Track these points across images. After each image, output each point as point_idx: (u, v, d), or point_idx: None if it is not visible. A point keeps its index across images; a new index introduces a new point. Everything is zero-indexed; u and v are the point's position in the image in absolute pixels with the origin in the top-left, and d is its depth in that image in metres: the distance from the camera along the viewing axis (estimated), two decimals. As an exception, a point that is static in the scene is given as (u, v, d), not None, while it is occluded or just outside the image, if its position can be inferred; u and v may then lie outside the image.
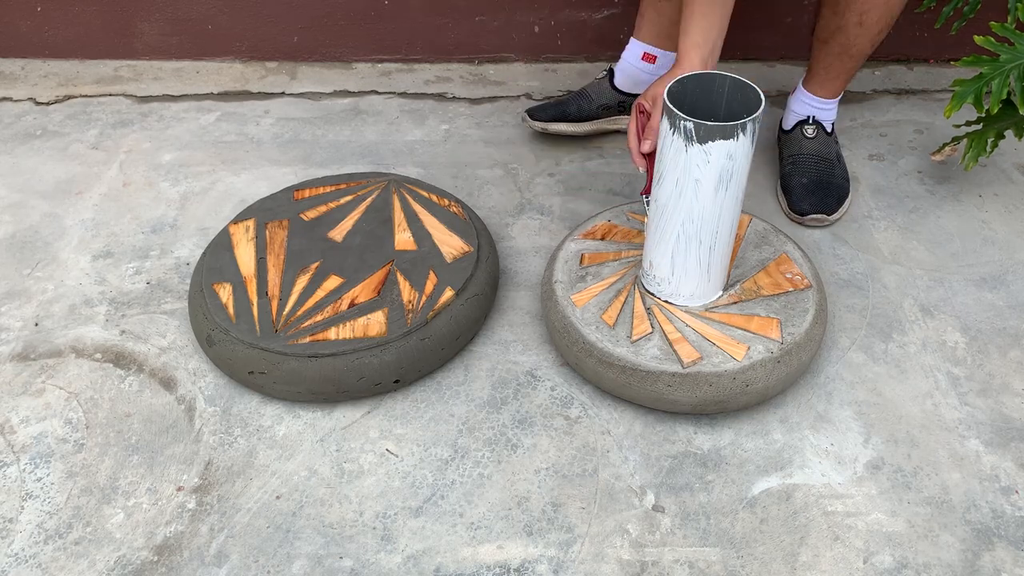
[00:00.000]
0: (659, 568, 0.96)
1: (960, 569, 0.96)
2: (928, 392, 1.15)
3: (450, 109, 1.66)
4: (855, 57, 1.35)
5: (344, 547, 0.98)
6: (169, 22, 1.73)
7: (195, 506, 1.02)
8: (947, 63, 1.75)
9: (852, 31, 1.31)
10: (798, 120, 1.46)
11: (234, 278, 1.18)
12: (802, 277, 1.16)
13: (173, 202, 1.44)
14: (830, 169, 1.42)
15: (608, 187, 1.47)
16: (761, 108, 0.97)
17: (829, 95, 1.43)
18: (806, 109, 1.45)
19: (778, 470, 1.06)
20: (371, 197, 1.31)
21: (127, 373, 1.16)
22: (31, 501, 1.02)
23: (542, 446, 1.08)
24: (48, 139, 1.58)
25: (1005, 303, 1.27)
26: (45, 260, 1.33)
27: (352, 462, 1.07)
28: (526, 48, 1.77)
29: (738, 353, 1.06)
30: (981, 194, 1.46)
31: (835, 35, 1.33)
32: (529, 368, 1.17)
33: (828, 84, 1.41)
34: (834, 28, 1.33)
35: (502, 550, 0.98)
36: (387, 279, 1.17)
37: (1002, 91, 1.22)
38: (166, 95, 1.70)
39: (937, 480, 1.05)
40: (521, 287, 1.29)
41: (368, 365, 1.09)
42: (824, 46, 1.37)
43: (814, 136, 1.44)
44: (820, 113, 1.45)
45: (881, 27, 1.31)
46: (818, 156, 1.43)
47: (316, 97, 1.70)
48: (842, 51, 1.35)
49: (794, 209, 1.38)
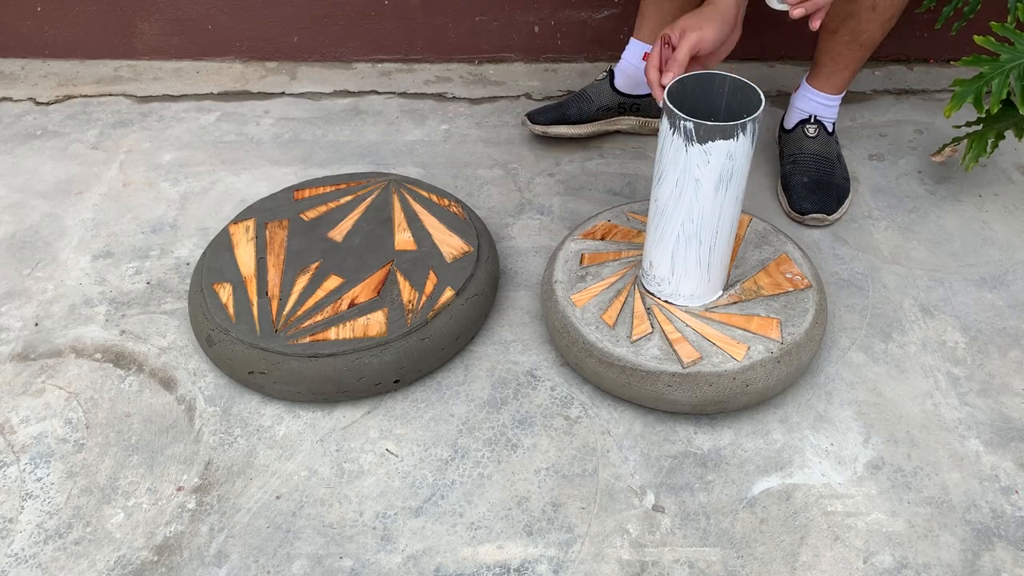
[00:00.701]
0: (659, 568, 0.96)
1: (960, 569, 0.96)
2: (928, 392, 1.15)
3: (450, 109, 1.66)
4: (865, 45, 1.34)
5: (344, 547, 0.98)
6: (169, 22, 1.73)
7: (195, 506, 1.02)
8: (947, 63, 1.75)
9: (865, 16, 1.29)
10: (800, 119, 1.45)
11: (234, 278, 1.18)
12: (802, 277, 1.16)
13: (173, 202, 1.44)
14: (830, 169, 1.42)
15: (608, 187, 1.47)
16: (761, 108, 0.97)
17: (835, 90, 1.42)
18: (811, 106, 1.44)
19: (778, 470, 1.06)
20: (371, 197, 1.31)
21: (127, 373, 1.16)
22: (31, 501, 1.02)
23: (542, 446, 1.08)
24: (48, 139, 1.58)
25: (1005, 303, 1.27)
26: (45, 260, 1.33)
27: (352, 462, 1.07)
28: (526, 48, 1.77)
29: (738, 353, 1.06)
30: (981, 194, 1.46)
31: (846, 22, 1.31)
32: (529, 368, 1.17)
33: (835, 77, 1.40)
34: (845, 15, 1.31)
35: (502, 550, 0.98)
36: (387, 279, 1.17)
37: (1002, 91, 1.22)
38: (166, 95, 1.70)
39: (937, 480, 1.05)
40: (521, 287, 1.29)
41: (368, 365, 1.09)
42: (833, 36, 1.34)
43: (815, 135, 1.43)
44: (824, 110, 1.44)
45: (893, 11, 1.29)
46: (819, 155, 1.42)
47: (316, 97, 1.70)
48: (852, 39, 1.33)
49: (794, 208, 1.38)
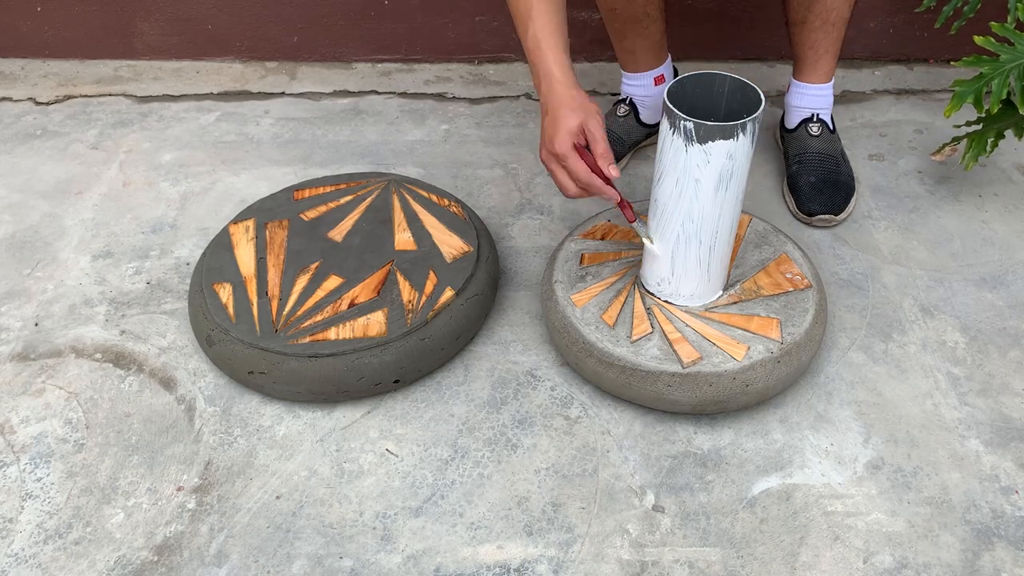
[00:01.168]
0: (659, 568, 0.96)
1: (960, 569, 0.96)
2: (928, 392, 1.15)
3: (450, 109, 1.66)
4: (836, 24, 1.33)
5: (344, 547, 0.98)
6: (169, 22, 1.73)
7: (195, 506, 1.02)
8: (947, 63, 1.75)
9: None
10: (802, 118, 1.44)
11: (234, 278, 1.18)
12: (802, 277, 1.16)
13: (173, 202, 1.44)
14: (836, 167, 1.41)
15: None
16: (761, 108, 0.97)
17: (824, 78, 1.41)
18: (808, 100, 1.43)
19: (778, 470, 1.06)
20: (371, 197, 1.31)
21: (127, 373, 1.16)
22: (31, 501, 1.02)
23: (542, 446, 1.08)
24: (48, 139, 1.58)
25: (1005, 303, 1.27)
26: (45, 260, 1.33)
27: (352, 462, 1.07)
28: (526, 48, 1.77)
29: (738, 353, 1.06)
30: (981, 194, 1.46)
31: (811, 8, 1.31)
32: (529, 368, 1.17)
33: (819, 65, 1.39)
34: (809, 1, 1.30)
35: (502, 550, 0.98)
36: (387, 279, 1.17)
37: (1002, 91, 1.22)
38: (166, 95, 1.70)
39: (937, 480, 1.05)
40: (521, 287, 1.29)
41: (368, 365, 1.09)
42: (803, 26, 1.34)
43: (819, 134, 1.43)
44: (821, 101, 1.43)
45: None
46: (824, 154, 1.42)
47: (316, 97, 1.70)
48: (823, 23, 1.32)
49: (802, 210, 1.38)
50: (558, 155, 1.04)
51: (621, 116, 1.49)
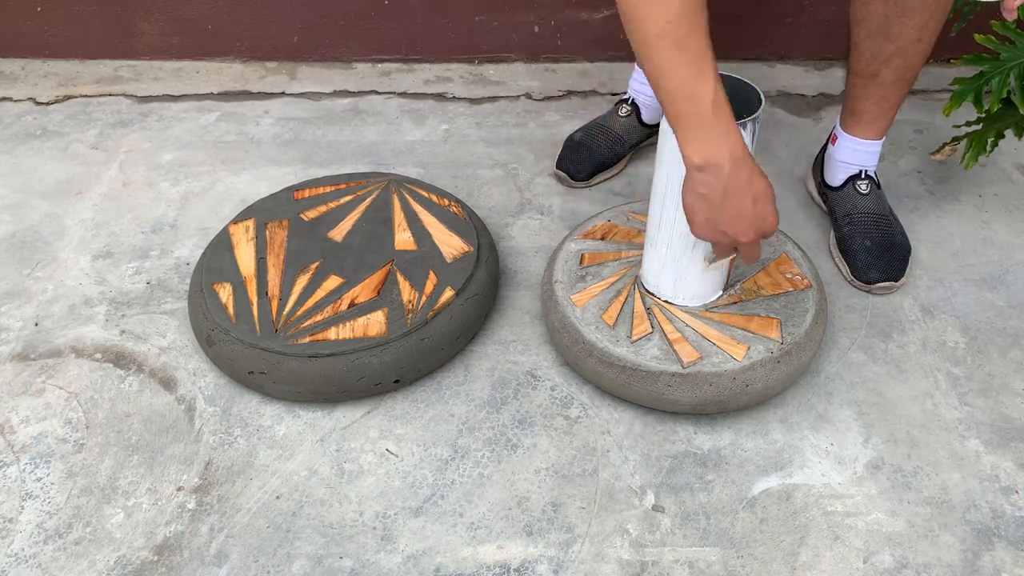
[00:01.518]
0: (659, 568, 0.96)
1: (960, 569, 0.96)
2: (928, 392, 1.15)
3: (450, 109, 1.66)
4: (910, 81, 1.22)
5: (344, 547, 0.98)
6: (169, 22, 1.73)
7: (195, 506, 1.02)
8: (947, 63, 1.75)
9: (911, 50, 1.17)
10: (850, 175, 1.32)
11: (234, 278, 1.18)
12: (802, 277, 1.16)
13: (173, 202, 1.44)
14: (890, 228, 1.30)
15: (608, 187, 1.47)
16: (761, 108, 0.97)
17: (880, 135, 1.30)
18: (859, 157, 1.31)
19: (778, 470, 1.06)
20: (371, 197, 1.31)
21: (127, 373, 1.16)
22: (31, 501, 1.02)
23: (542, 446, 1.08)
24: (48, 139, 1.58)
25: (1005, 303, 1.27)
26: (45, 260, 1.33)
27: (352, 462, 1.07)
28: (526, 48, 1.77)
29: (738, 353, 1.06)
30: (981, 194, 1.46)
31: (889, 62, 1.19)
32: (529, 368, 1.17)
33: (879, 121, 1.28)
34: (887, 55, 1.19)
35: (502, 550, 0.98)
36: (387, 279, 1.17)
37: (1002, 90, 1.21)
38: (166, 95, 1.70)
39: (937, 480, 1.05)
40: (521, 287, 1.29)
41: (368, 365, 1.09)
42: (873, 79, 1.22)
43: (868, 192, 1.31)
44: (871, 158, 1.32)
45: (936, 34, 1.17)
46: (876, 214, 1.30)
47: (316, 97, 1.70)
48: (898, 78, 1.21)
49: (860, 278, 1.27)
50: (768, 234, 0.95)
51: (623, 116, 1.49)
